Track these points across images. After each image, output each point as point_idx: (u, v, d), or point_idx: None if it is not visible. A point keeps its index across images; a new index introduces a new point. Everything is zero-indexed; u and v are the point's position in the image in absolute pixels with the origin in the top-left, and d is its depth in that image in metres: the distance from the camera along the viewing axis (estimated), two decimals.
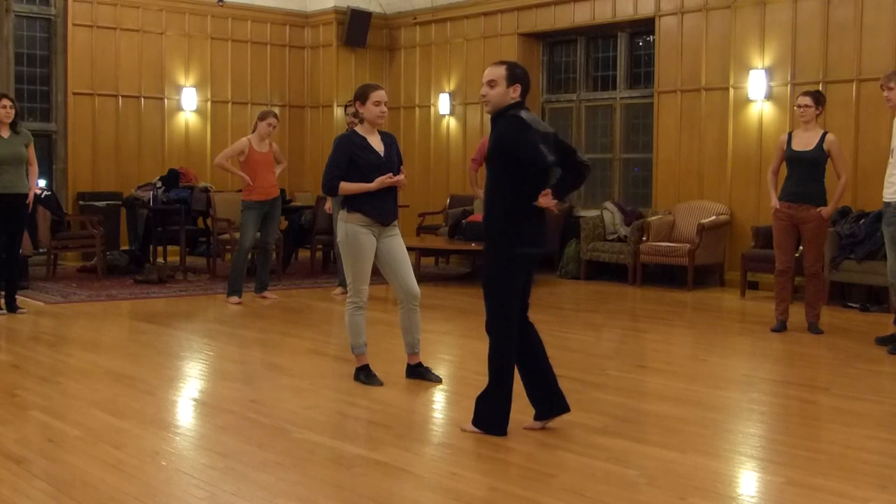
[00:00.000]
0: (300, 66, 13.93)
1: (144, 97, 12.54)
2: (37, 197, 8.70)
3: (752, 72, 9.92)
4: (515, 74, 4.35)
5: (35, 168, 7.98)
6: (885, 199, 6.66)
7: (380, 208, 5.42)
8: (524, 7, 11.99)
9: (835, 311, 8.47)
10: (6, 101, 7.76)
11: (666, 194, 10.74)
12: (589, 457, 4.13)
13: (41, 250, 10.26)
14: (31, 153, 7.91)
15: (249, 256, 9.24)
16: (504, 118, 4.36)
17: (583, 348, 6.95)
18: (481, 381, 5.80)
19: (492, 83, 4.36)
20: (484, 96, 4.41)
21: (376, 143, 5.50)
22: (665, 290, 9.91)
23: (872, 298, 8.70)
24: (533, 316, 4.70)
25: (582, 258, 10.82)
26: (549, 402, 4.52)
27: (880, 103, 7.80)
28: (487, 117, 4.68)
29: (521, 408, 4.91)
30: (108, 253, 10.80)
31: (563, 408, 4.53)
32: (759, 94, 9.89)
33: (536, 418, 4.53)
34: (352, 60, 13.56)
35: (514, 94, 4.35)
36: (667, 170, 10.74)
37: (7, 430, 4.49)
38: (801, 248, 7.45)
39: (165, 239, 11.44)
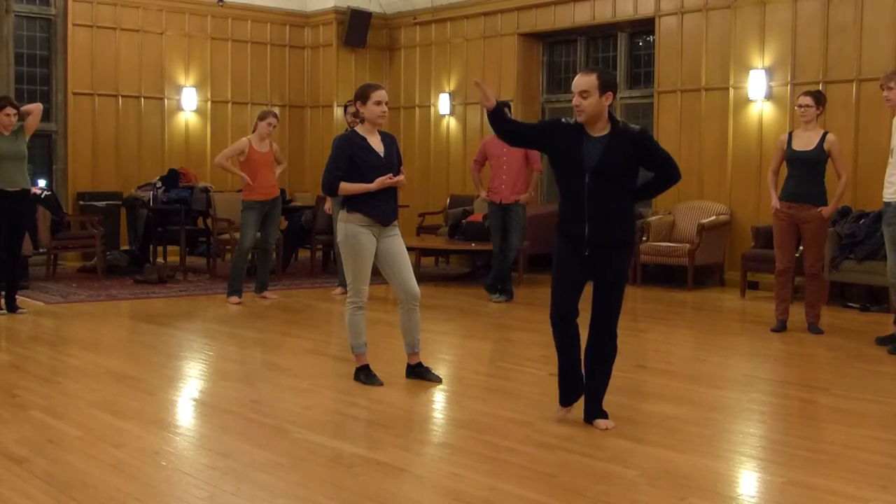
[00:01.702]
0: (300, 66, 13.93)
1: (144, 97, 12.54)
2: (37, 197, 8.71)
3: (752, 72, 9.92)
4: (607, 82, 4.46)
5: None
6: (885, 199, 6.66)
7: (380, 208, 5.41)
8: (524, 7, 11.98)
9: (835, 311, 8.46)
10: (9, 110, 7.74)
11: (666, 194, 10.58)
12: (589, 457, 4.13)
13: (41, 250, 10.25)
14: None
15: (249, 256, 9.24)
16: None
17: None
18: (481, 380, 5.82)
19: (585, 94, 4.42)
20: (577, 106, 4.45)
21: (376, 144, 5.49)
22: (665, 290, 9.90)
23: (872, 298, 8.70)
24: (534, 316, 4.71)
25: None
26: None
27: (880, 103, 7.79)
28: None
29: (522, 408, 4.92)
30: (108, 253, 10.80)
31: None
32: (759, 94, 9.88)
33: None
34: (352, 60, 13.55)
35: (608, 101, 4.47)
36: None
37: (7, 430, 4.49)
38: (801, 248, 7.45)
39: (165, 239, 11.44)
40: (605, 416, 4.64)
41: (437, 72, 13.09)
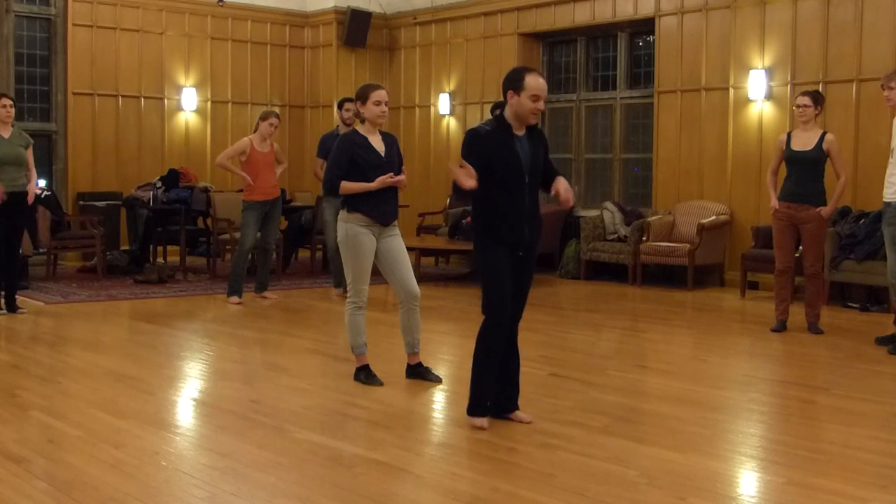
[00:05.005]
0: (300, 66, 13.93)
1: (144, 97, 12.54)
2: (37, 197, 8.71)
3: (752, 72, 9.92)
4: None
5: (33, 173, 8.00)
6: (885, 199, 6.67)
7: (380, 208, 5.42)
8: (524, 7, 11.99)
9: (835, 311, 8.47)
10: (6, 101, 7.79)
11: (666, 194, 10.74)
12: (589, 457, 4.13)
13: (41, 250, 10.25)
14: (30, 157, 7.93)
15: (250, 256, 9.24)
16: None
17: (583, 348, 6.94)
18: None
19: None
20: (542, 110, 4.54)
21: (377, 144, 5.50)
22: (665, 290, 9.90)
23: (872, 298, 8.70)
24: (534, 316, 4.71)
25: (582, 258, 10.82)
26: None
27: (880, 103, 7.80)
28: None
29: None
30: (108, 253, 10.80)
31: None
32: (759, 94, 9.88)
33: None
34: (352, 60, 13.56)
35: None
36: (667, 170, 10.74)
37: (7, 430, 4.49)
38: (800, 248, 7.45)
39: (165, 239, 11.44)
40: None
41: (437, 72, 13.09)
